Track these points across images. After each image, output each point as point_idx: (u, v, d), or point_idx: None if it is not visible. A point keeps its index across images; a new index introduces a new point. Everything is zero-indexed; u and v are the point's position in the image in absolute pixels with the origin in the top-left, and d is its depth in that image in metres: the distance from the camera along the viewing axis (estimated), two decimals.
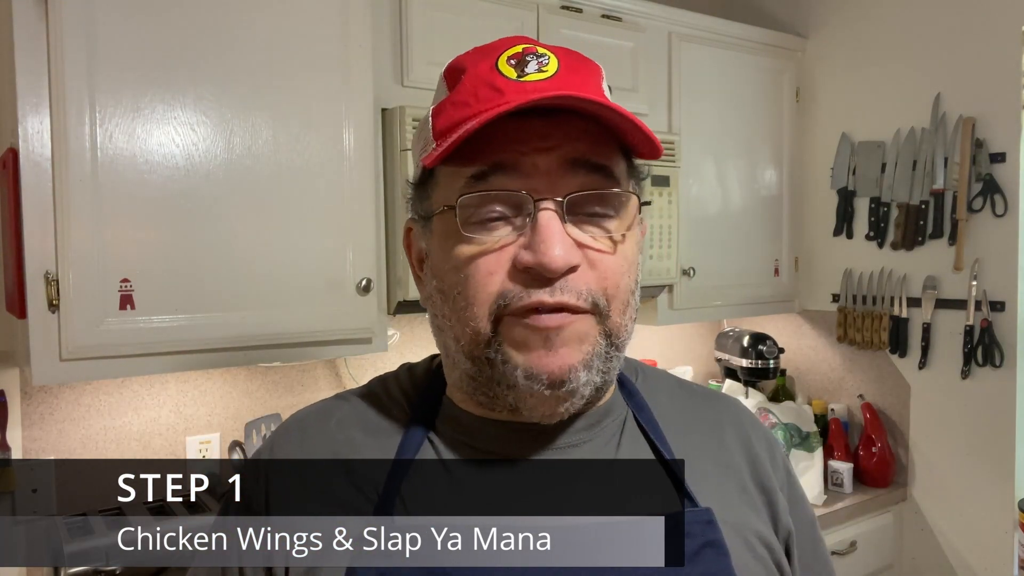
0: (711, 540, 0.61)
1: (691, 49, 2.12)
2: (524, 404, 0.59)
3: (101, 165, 1.27)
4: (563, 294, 0.57)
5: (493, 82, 0.58)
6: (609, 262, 0.59)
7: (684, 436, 0.68)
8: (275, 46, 1.43)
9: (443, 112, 0.61)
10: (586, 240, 0.58)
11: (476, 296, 0.58)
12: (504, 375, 0.58)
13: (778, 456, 0.73)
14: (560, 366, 0.57)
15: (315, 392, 1.89)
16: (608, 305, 0.59)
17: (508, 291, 0.57)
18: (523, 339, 0.57)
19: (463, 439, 0.64)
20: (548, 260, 0.55)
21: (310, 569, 0.60)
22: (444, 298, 0.61)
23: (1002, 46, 2.00)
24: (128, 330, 1.30)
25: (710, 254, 2.18)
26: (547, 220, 0.56)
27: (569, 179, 0.58)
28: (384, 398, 0.69)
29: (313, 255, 1.49)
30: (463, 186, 0.58)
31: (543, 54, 0.60)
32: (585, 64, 0.63)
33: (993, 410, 2.06)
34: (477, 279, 0.58)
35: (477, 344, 0.59)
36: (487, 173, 0.58)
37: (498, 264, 0.57)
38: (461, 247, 0.58)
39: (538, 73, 0.58)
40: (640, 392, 0.70)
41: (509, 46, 0.61)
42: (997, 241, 2.03)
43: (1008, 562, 2.04)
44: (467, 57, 0.62)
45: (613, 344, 0.60)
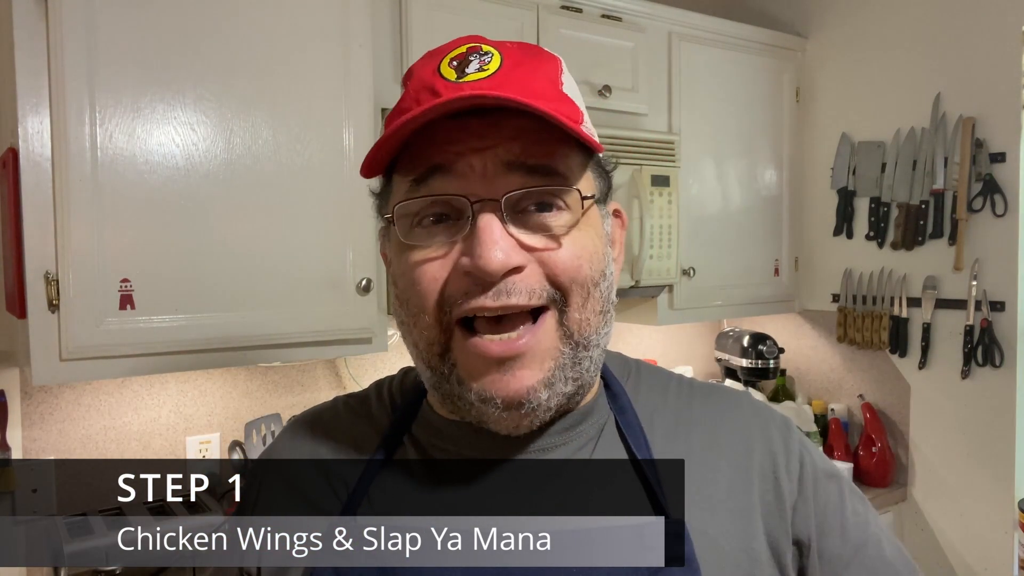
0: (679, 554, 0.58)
1: (691, 49, 2.12)
2: (485, 420, 0.58)
3: (101, 165, 1.27)
4: (509, 297, 0.55)
5: (433, 85, 0.57)
6: (560, 257, 0.57)
7: (670, 440, 0.65)
8: (275, 46, 1.43)
9: (389, 119, 0.60)
10: (531, 240, 0.56)
11: (424, 303, 0.57)
12: (460, 395, 0.58)
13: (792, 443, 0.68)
14: (517, 390, 0.56)
15: (315, 392, 1.89)
16: (565, 299, 0.57)
17: (451, 296, 0.56)
18: (473, 365, 0.56)
19: (436, 442, 0.64)
20: (484, 263, 0.54)
21: (278, 569, 0.61)
22: (401, 304, 0.60)
23: (1002, 46, 2.00)
24: (128, 330, 1.30)
25: (710, 254, 2.18)
26: (486, 222, 0.54)
27: (507, 179, 0.56)
28: (374, 402, 0.70)
29: (313, 255, 1.49)
30: (406, 191, 0.58)
31: (487, 52, 0.58)
32: (535, 58, 0.60)
33: (993, 410, 2.06)
34: (423, 285, 0.57)
35: (432, 355, 0.58)
36: (426, 176, 0.57)
37: (442, 270, 0.56)
38: (408, 253, 0.58)
39: (478, 72, 0.57)
40: (627, 394, 0.67)
41: (455, 47, 0.60)
42: (997, 241, 2.03)
43: (1008, 562, 2.03)
44: (418, 61, 0.61)
45: (579, 344, 0.58)
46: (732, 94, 2.24)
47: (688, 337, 2.67)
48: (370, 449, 0.65)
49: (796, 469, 0.66)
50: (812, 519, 0.65)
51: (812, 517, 0.66)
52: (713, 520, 0.62)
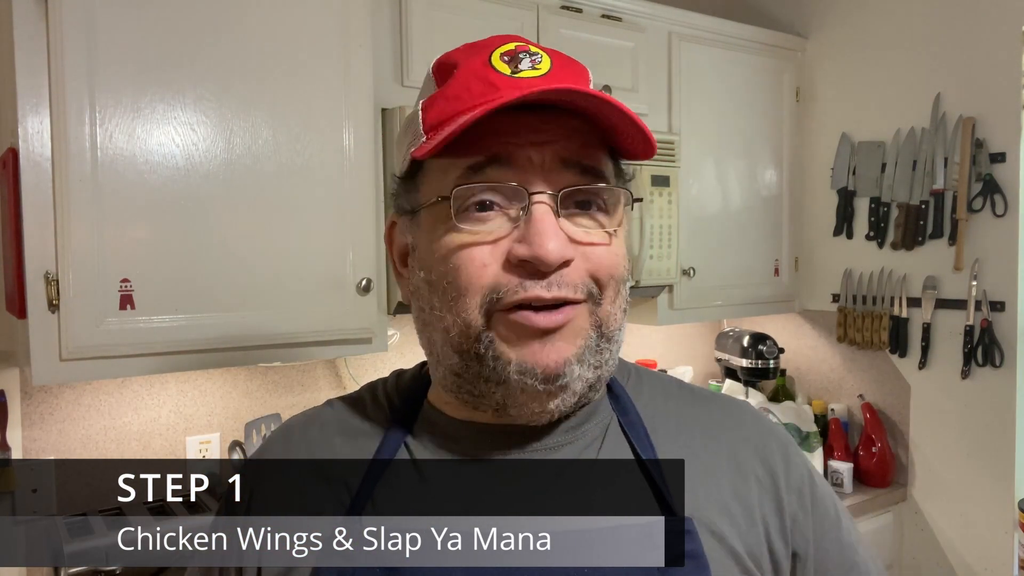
0: (689, 551, 0.59)
1: (691, 49, 2.12)
2: (514, 401, 0.58)
3: (101, 165, 1.27)
4: (560, 289, 0.56)
5: (487, 77, 0.58)
6: (603, 255, 0.59)
7: (673, 442, 0.65)
8: (275, 46, 1.43)
9: (434, 106, 0.60)
10: (578, 234, 0.58)
11: (468, 286, 0.57)
12: (494, 371, 0.58)
13: (793, 460, 0.69)
14: (556, 360, 0.57)
15: (315, 392, 1.89)
16: (600, 293, 0.59)
17: (502, 284, 0.56)
18: (516, 335, 0.57)
19: (439, 442, 0.64)
20: (544, 253, 0.55)
21: (280, 570, 0.60)
22: (432, 289, 0.60)
23: (1002, 46, 2.00)
24: (128, 330, 1.30)
25: (710, 254, 2.18)
26: (542, 213, 0.56)
27: (561, 175, 0.58)
28: (369, 403, 0.70)
29: (313, 255, 1.49)
30: (459, 177, 0.58)
31: (536, 52, 0.60)
32: (575, 65, 0.63)
33: (993, 410, 2.06)
34: (470, 270, 0.57)
35: (467, 337, 0.58)
36: (483, 165, 0.57)
37: (492, 256, 0.57)
38: (453, 236, 0.58)
39: (532, 70, 0.58)
40: (628, 395, 0.68)
41: (502, 43, 0.61)
42: (997, 241, 2.03)
43: (1008, 562, 2.03)
44: (458, 53, 0.62)
45: (603, 335, 0.60)
46: (732, 94, 2.24)
47: (688, 337, 2.67)
48: (370, 450, 0.64)
49: (796, 483, 0.67)
50: (810, 534, 0.66)
51: (810, 532, 0.66)
52: (720, 520, 0.62)
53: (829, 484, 0.72)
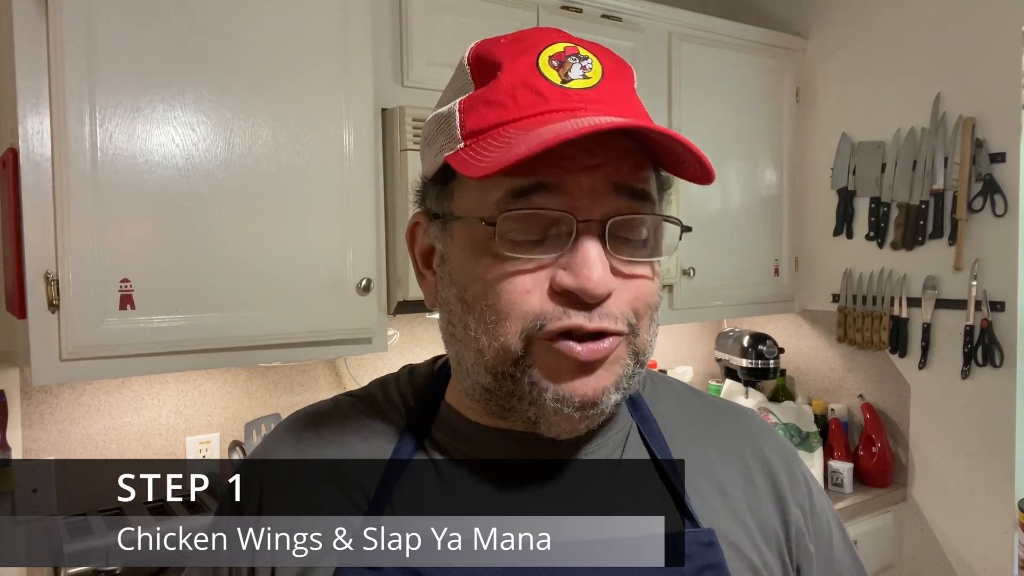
0: (712, 562, 0.59)
1: (691, 49, 2.12)
2: (545, 421, 0.57)
3: (101, 165, 1.27)
4: (602, 320, 0.55)
5: (535, 85, 0.55)
6: (643, 287, 0.57)
7: (690, 449, 0.65)
8: (275, 46, 1.43)
9: (474, 110, 0.57)
10: (623, 267, 0.56)
11: (510, 312, 0.55)
12: (529, 394, 0.56)
13: (798, 474, 0.69)
14: (595, 389, 0.56)
15: (315, 392, 1.89)
16: (638, 324, 0.58)
17: (546, 312, 0.54)
18: (557, 366, 0.56)
19: (458, 444, 0.63)
20: (592, 286, 0.53)
21: (298, 570, 0.60)
22: (467, 308, 0.57)
23: (1002, 46, 2.00)
24: (128, 330, 1.30)
25: (710, 254, 2.18)
26: (589, 243, 0.54)
27: (610, 200, 0.55)
28: (382, 401, 0.68)
29: (313, 255, 1.49)
30: (502, 199, 0.55)
31: (585, 56, 0.57)
32: (624, 69, 0.60)
33: (993, 410, 2.06)
34: (513, 296, 0.55)
35: (504, 361, 0.56)
36: (528, 190, 0.54)
37: (535, 283, 0.55)
38: (495, 262, 0.55)
39: (582, 80, 0.55)
40: (646, 403, 0.68)
41: (548, 43, 0.57)
42: (997, 241, 2.03)
43: (1008, 562, 2.03)
44: (501, 49, 0.58)
45: (639, 362, 0.59)
46: (732, 94, 2.24)
47: (688, 337, 2.67)
48: (386, 450, 0.63)
49: (802, 498, 0.67)
50: (812, 549, 0.67)
51: (812, 548, 0.67)
52: (736, 530, 0.62)
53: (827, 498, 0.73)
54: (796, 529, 0.66)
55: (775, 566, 0.64)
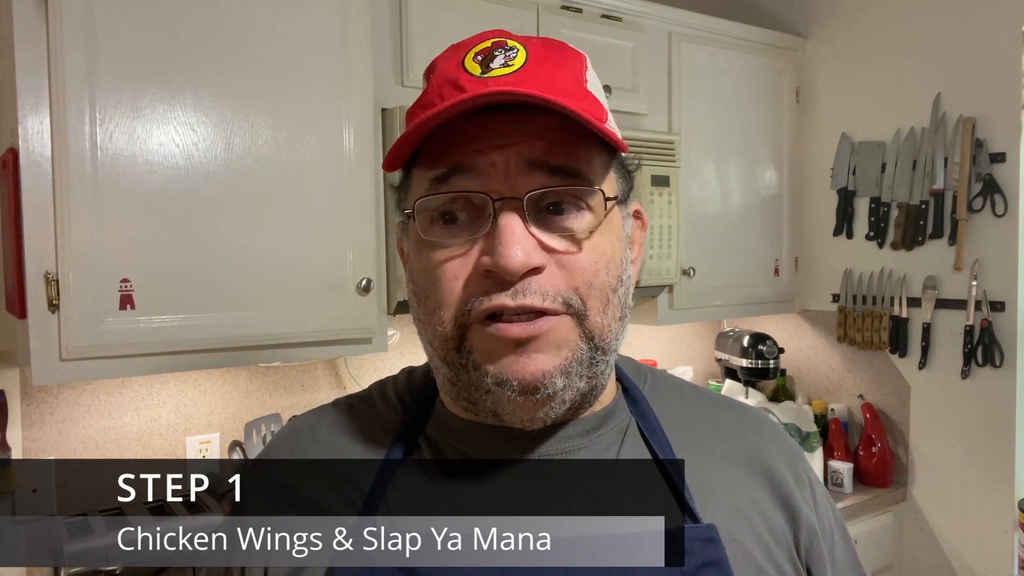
0: (712, 559, 0.58)
1: (691, 49, 2.12)
2: (502, 409, 0.58)
3: (101, 165, 1.27)
4: (526, 297, 0.54)
5: (456, 79, 0.56)
6: (579, 260, 0.56)
7: (693, 446, 0.64)
8: (275, 46, 1.43)
9: (411, 114, 0.59)
10: (551, 241, 0.56)
11: (442, 301, 0.57)
12: (477, 381, 0.57)
13: (802, 472, 0.68)
14: (532, 372, 0.55)
15: (315, 392, 1.89)
16: (584, 304, 0.56)
17: (471, 295, 0.55)
18: (491, 348, 0.56)
19: (453, 443, 0.63)
20: (505, 262, 0.53)
21: (290, 570, 0.60)
22: (418, 301, 0.60)
23: (1002, 46, 2.00)
24: (128, 330, 1.30)
25: (710, 254, 2.18)
26: (506, 221, 0.54)
27: (528, 178, 0.55)
28: (379, 403, 0.69)
29: (313, 255, 1.49)
30: (425, 189, 0.57)
31: (512, 47, 0.57)
32: (560, 53, 0.59)
33: (993, 410, 2.06)
34: (443, 283, 0.56)
35: (448, 350, 0.58)
36: (447, 175, 0.56)
37: (463, 268, 0.56)
38: (428, 251, 0.58)
39: (503, 68, 0.56)
40: (646, 399, 0.67)
41: (480, 41, 0.59)
42: (997, 241, 2.03)
43: (1008, 562, 2.04)
44: (441, 55, 0.61)
45: (597, 347, 0.58)
46: (732, 94, 2.24)
47: (688, 337, 2.67)
48: (382, 450, 0.63)
49: (809, 499, 0.67)
50: (824, 550, 0.66)
51: (823, 549, 0.66)
52: (740, 527, 0.62)
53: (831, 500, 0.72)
54: (808, 528, 0.65)
55: (784, 564, 0.63)
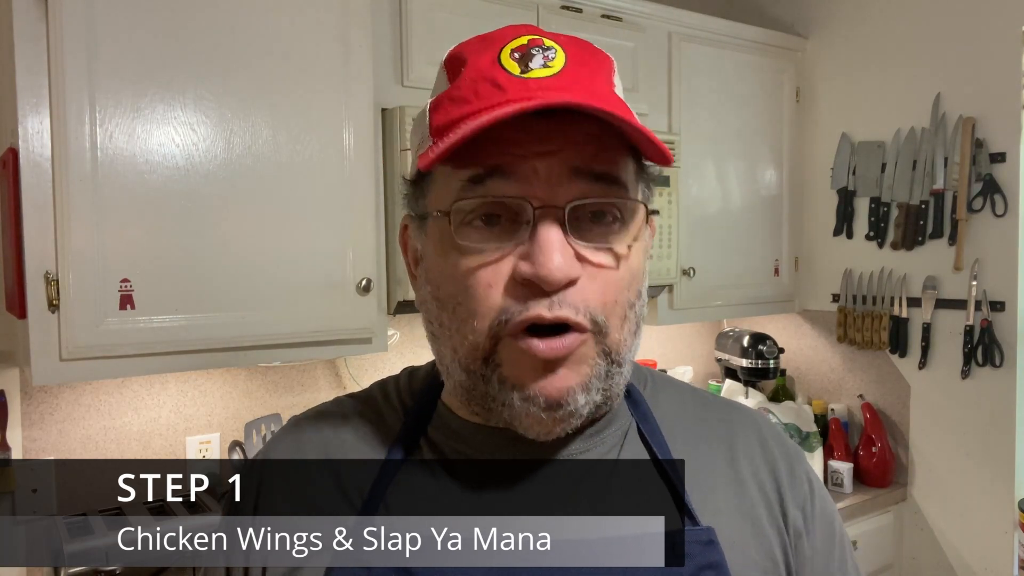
0: (711, 562, 0.58)
1: (691, 49, 2.12)
2: (519, 423, 0.57)
3: (101, 165, 1.27)
4: (562, 308, 0.53)
5: (495, 78, 0.54)
6: (611, 276, 0.56)
7: (692, 448, 0.64)
8: (275, 46, 1.43)
9: (440, 107, 0.57)
10: (587, 253, 0.55)
11: (477, 309, 0.55)
12: (499, 394, 0.56)
13: (800, 474, 0.68)
14: (558, 388, 0.55)
15: (315, 392, 1.89)
16: (607, 321, 0.56)
17: (508, 306, 0.54)
18: (522, 366, 0.55)
19: (454, 445, 0.63)
20: (547, 272, 0.52)
21: (289, 570, 0.59)
22: (441, 306, 0.58)
23: (1002, 46, 2.00)
24: (128, 330, 1.30)
25: (710, 254, 2.18)
26: (547, 229, 0.53)
27: (571, 186, 0.54)
28: (381, 402, 0.68)
29: (313, 255, 1.49)
30: (459, 190, 0.55)
31: (549, 47, 0.56)
32: (594, 57, 0.59)
33: (993, 410, 2.06)
34: (478, 292, 0.54)
35: (474, 359, 0.56)
36: (484, 177, 0.54)
37: (497, 276, 0.54)
38: (458, 256, 0.55)
39: (543, 69, 0.54)
40: (646, 401, 0.67)
41: (513, 37, 0.57)
42: (997, 241, 2.03)
43: (1008, 562, 2.04)
44: (468, 46, 0.58)
45: (613, 362, 0.57)
46: (732, 94, 2.24)
47: (688, 337, 2.67)
48: (383, 450, 0.63)
49: (802, 499, 0.67)
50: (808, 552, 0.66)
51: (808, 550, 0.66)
52: (738, 529, 0.62)
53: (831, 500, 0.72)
54: (795, 530, 0.65)
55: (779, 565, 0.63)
